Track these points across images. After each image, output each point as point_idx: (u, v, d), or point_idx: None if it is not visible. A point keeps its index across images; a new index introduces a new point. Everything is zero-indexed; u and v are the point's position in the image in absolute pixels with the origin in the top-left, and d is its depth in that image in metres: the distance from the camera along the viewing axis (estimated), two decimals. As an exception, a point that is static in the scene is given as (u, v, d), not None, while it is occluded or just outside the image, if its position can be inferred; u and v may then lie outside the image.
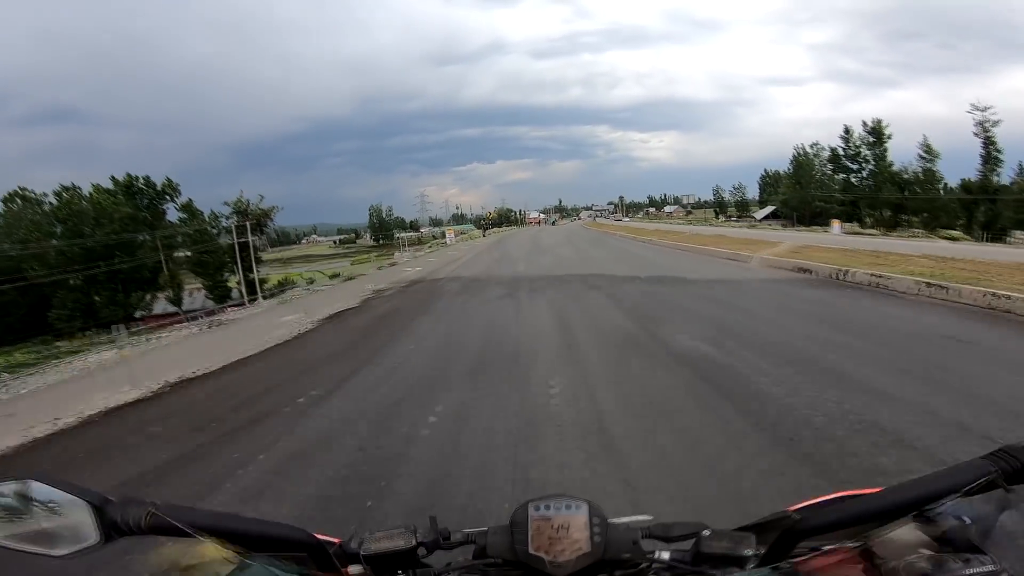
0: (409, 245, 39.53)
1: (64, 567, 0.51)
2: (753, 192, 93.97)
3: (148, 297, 31.22)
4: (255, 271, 27.61)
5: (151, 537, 0.50)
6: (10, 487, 0.49)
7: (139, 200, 31.05)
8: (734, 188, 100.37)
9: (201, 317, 14.57)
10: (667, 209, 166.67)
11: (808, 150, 54.00)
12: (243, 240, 28.44)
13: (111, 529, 0.49)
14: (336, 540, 0.59)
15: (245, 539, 0.52)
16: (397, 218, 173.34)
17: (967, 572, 0.44)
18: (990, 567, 0.44)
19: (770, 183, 79.24)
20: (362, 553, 0.55)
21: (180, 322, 14.29)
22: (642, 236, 24.53)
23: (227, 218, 30.96)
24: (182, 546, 0.49)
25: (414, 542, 0.56)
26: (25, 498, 0.49)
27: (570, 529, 0.52)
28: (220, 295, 31.93)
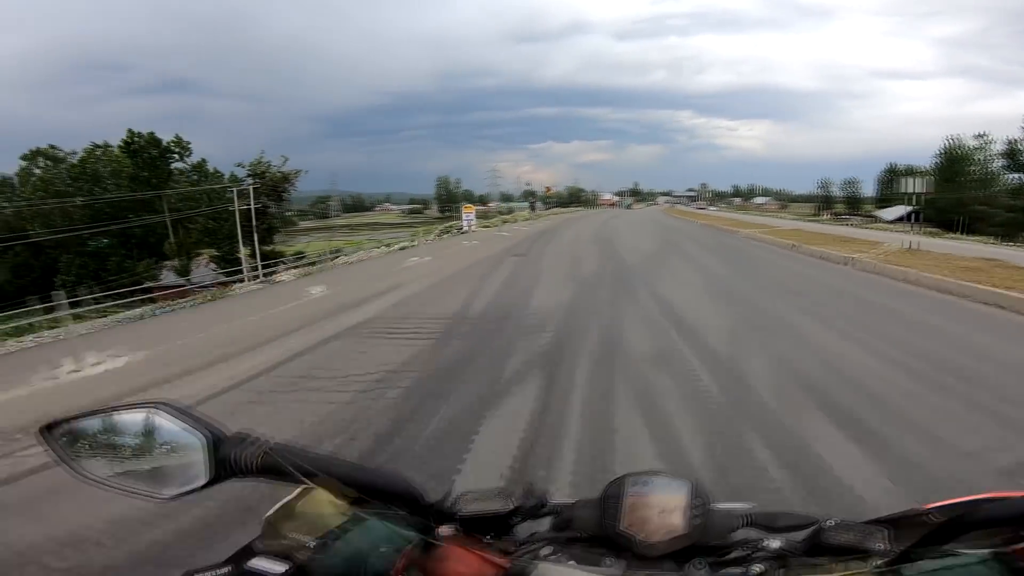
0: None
1: (170, 504, 0.51)
2: (867, 188, 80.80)
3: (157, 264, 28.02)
4: (255, 242, 22.48)
5: (257, 479, 0.49)
6: (138, 414, 0.51)
7: (137, 159, 26.95)
8: (846, 183, 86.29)
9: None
10: (757, 200, 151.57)
11: (969, 142, 42.69)
12: (255, 206, 23.46)
13: (222, 467, 0.49)
14: (431, 502, 0.56)
15: (353, 486, 0.51)
16: (465, 191, 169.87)
17: None
18: None
19: (894, 179, 66.76)
20: (459, 514, 0.54)
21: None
22: (775, 237, 16.68)
23: (241, 182, 26.16)
24: (291, 490, 0.49)
25: (511, 507, 0.53)
26: (149, 425, 0.50)
27: (667, 509, 0.49)
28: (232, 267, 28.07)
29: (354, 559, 0.49)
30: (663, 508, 0.49)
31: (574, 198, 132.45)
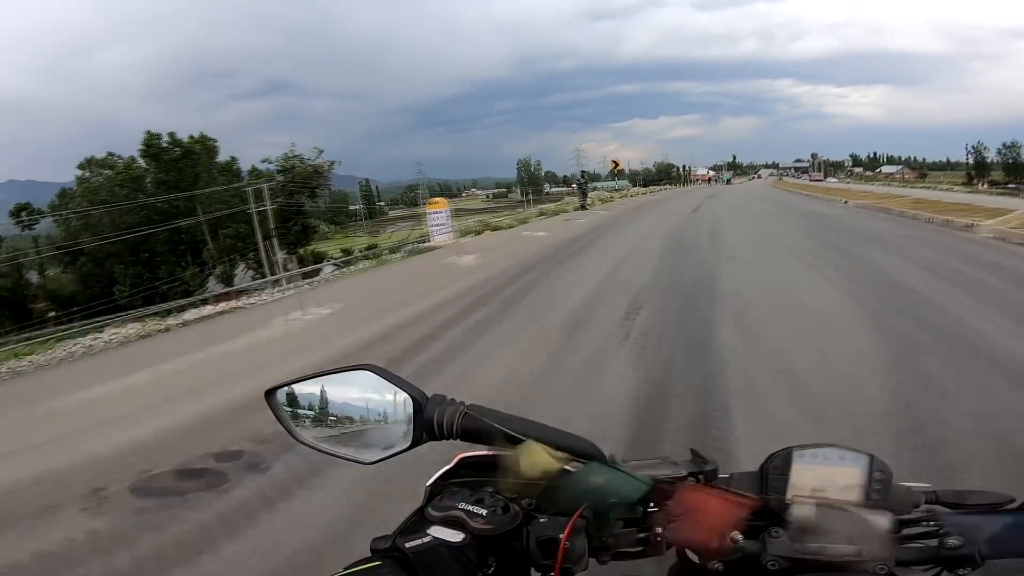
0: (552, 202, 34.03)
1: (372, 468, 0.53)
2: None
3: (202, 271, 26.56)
4: (274, 247, 19.35)
5: (455, 441, 0.50)
6: (346, 376, 0.53)
7: (159, 161, 24.95)
8: (1008, 147, 68.95)
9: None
10: (886, 169, 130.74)
11: None
12: (271, 207, 20.42)
13: (425, 429, 0.50)
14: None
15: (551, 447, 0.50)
16: (548, 172, 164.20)
17: None
18: None
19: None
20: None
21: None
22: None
23: (271, 177, 23.33)
24: (512, 451, 0.49)
25: (683, 473, 0.52)
26: (357, 388, 0.52)
27: (840, 483, 0.46)
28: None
29: (596, 502, 0.47)
30: (834, 481, 0.47)
31: (664, 174, 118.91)
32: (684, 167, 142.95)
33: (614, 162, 33.30)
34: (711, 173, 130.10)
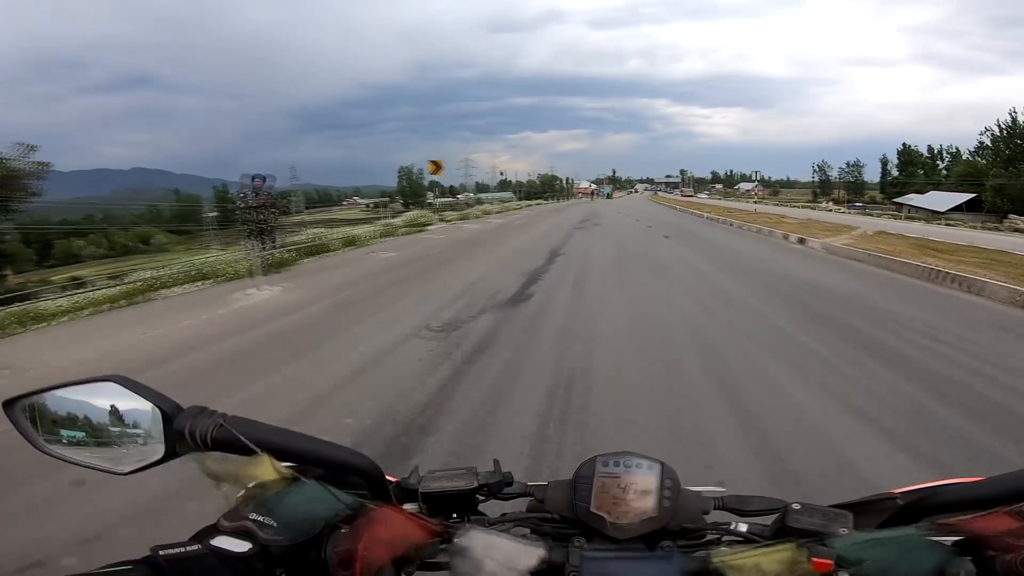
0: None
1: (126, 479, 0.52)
2: (872, 173, 74.71)
3: None
4: None
5: (212, 452, 0.49)
6: (92, 388, 0.51)
7: None
8: (851, 166, 76.85)
9: None
10: (743, 187, 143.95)
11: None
12: None
13: (178, 440, 0.49)
14: (395, 479, 0.57)
15: (308, 460, 0.51)
16: (433, 181, 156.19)
17: None
18: None
19: (910, 161, 57.69)
20: (421, 490, 0.54)
21: None
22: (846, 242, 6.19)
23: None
24: (240, 462, 0.48)
25: (475, 484, 0.54)
26: (103, 400, 0.50)
27: (637, 490, 0.50)
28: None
29: (290, 522, 0.46)
30: (634, 490, 0.49)
31: (548, 186, 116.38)
32: (568, 180, 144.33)
33: (433, 163, 25.62)
34: (593, 187, 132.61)
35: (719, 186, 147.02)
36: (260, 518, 0.45)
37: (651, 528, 0.48)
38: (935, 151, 56.57)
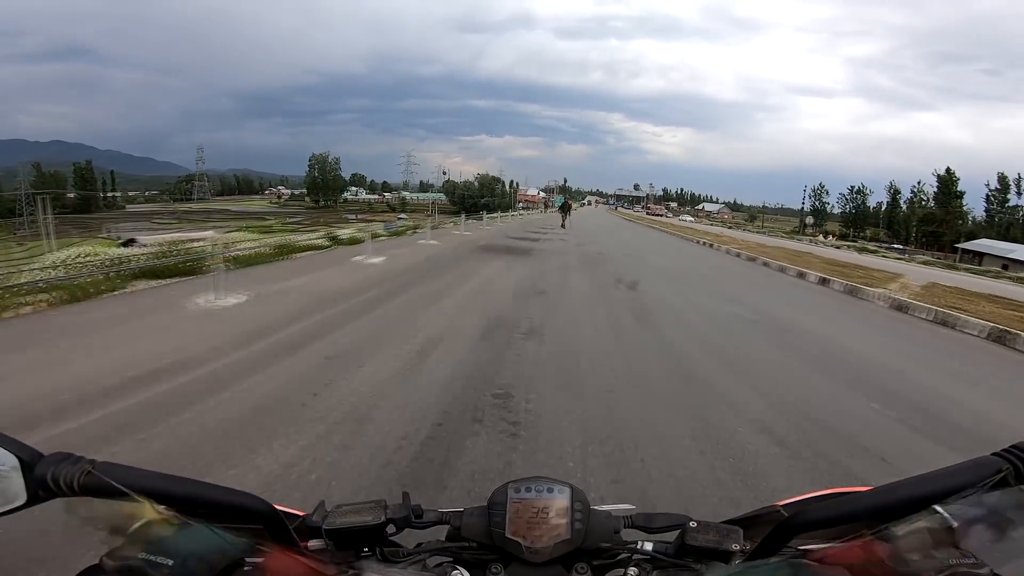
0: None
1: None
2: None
3: None
4: None
5: (84, 499, 0.47)
6: None
7: None
8: (854, 191, 66.91)
9: None
10: (708, 207, 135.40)
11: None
12: None
13: (40, 488, 0.46)
14: (300, 513, 0.56)
15: (193, 504, 0.48)
16: (356, 174, 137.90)
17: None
18: (986, 570, 0.40)
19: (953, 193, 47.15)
20: (324, 527, 0.52)
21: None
22: None
23: None
24: (117, 508, 0.46)
25: (383, 518, 0.53)
26: None
27: (550, 514, 0.51)
28: None
29: (187, 562, 0.45)
30: (546, 513, 0.51)
31: (488, 190, 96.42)
32: (513, 184, 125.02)
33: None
34: (542, 195, 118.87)
35: (675, 204, 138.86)
36: (152, 557, 0.43)
37: (566, 550, 0.50)
38: (1007, 180, 46.38)
